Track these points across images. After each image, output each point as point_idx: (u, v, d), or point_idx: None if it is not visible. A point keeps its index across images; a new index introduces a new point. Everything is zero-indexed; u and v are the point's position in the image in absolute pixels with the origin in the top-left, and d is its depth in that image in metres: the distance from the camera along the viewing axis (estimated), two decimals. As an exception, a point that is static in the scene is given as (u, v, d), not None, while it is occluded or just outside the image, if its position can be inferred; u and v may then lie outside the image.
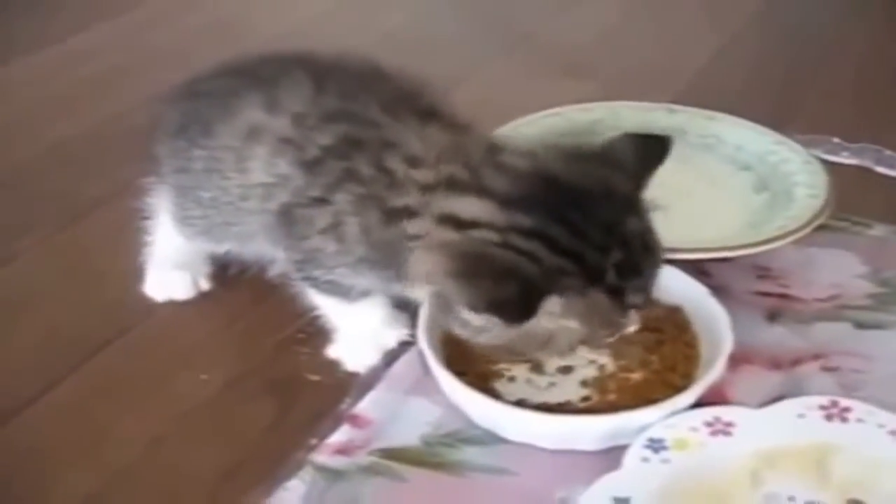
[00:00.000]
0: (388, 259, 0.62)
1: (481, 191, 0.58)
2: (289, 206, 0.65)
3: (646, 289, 0.60)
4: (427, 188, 0.60)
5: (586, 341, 0.61)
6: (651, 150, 0.62)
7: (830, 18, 1.23)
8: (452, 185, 0.59)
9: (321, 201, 0.63)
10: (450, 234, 0.58)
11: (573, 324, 0.58)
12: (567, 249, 0.56)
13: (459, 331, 0.61)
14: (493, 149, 0.61)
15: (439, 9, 1.27)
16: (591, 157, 0.61)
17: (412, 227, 0.60)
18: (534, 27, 1.22)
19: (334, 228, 0.63)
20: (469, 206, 0.58)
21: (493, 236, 0.57)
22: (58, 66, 1.13)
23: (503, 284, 0.55)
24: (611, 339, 0.62)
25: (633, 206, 0.60)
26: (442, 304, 0.61)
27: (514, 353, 0.62)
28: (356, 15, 1.25)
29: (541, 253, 0.56)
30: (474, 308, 0.57)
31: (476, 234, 0.57)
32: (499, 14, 1.26)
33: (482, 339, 0.60)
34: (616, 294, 0.58)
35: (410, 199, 0.60)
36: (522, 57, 1.14)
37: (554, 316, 0.57)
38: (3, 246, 0.82)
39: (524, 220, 0.57)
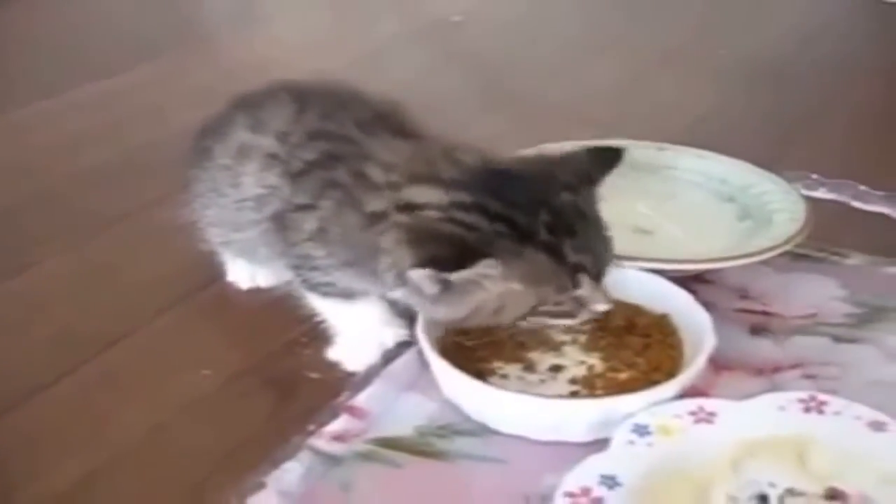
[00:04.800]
0: (366, 260, 0.66)
1: (433, 180, 0.65)
2: (280, 213, 0.71)
3: (589, 250, 0.64)
4: (395, 186, 0.66)
5: (541, 306, 0.64)
6: (604, 158, 0.68)
7: (825, 71, 1.30)
8: (413, 179, 0.66)
9: (308, 207, 0.69)
10: (404, 218, 0.65)
11: (517, 285, 0.62)
12: (499, 215, 0.62)
13: (418, 304, 0.66)
14: (450, 148, 0.67)
15: (446, 67, 1.34)
16: (546, 159, 0.68)
17: (384, 225, 0.65)
18: (535, 84, 1.28)
19: (320, 233, 0.68)
20: (422, 193, 0.65)
21: (437, 214, 0.64)
22: (101, 100, 1.20)
23: (442, 245, 0.62)
24: (574, 318, 0.65)
25: (570, 189, 0.65)
26: (411, 290, 0.65)
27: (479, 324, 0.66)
28: (368, 70, 1.32)
29: (479, 223, 0.63)
30: (418, 265, 0.62)
31: (424, 214, 0.64)
32: (499, 71, 1.33)
33: (441, 313, 0.65)
34: (552, 251, 0.62)
35: (385, 201, 0.66)
36: (523, 110, 1.19)
37: (496, 279, 0.62)
38: (26, 253, 0.87)
39: (464, 198, 0.64)
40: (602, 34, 1.47)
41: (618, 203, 0.68)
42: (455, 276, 0.61)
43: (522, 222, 0.62)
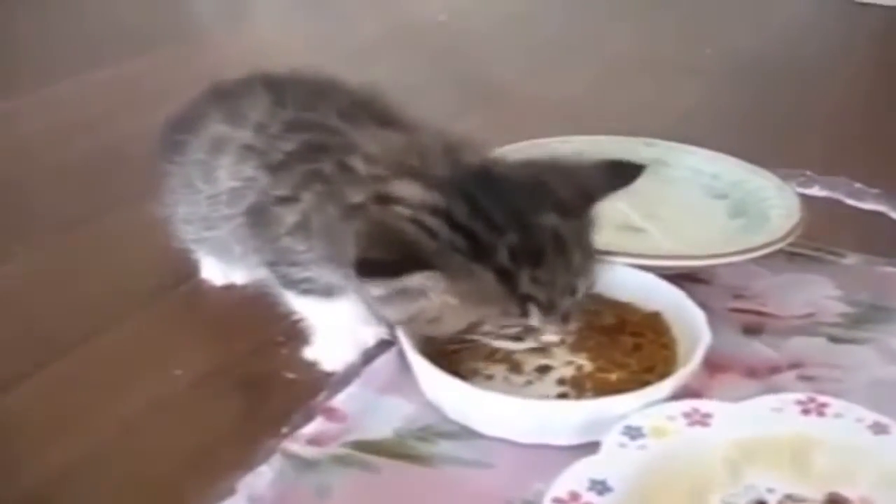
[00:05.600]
0: (341, 254, 0.63)
1: (421, 176, 0.61)
2: (257, 206, 0.67)
3: (552, 285, 0.59)
4: (380, 179, 0.62)
5: (481, 325, 0.60)
6: (620, 173, 0.64)
7: (809, 66, 1.29)
8: (402, 173, 0.62)
9: (289, 200, 0.66)
10: (374, 209, 0.61)
11: (454, 300, 0.59)
12: (461, 226, 0.58)
13: (372, 304, 0.64)
14: (455, 146, 0.64)
15: (431, 65, 1.31)
16: (553, 167, 0.64)
17: (359, 217, 0.62)
18: (519, 82, 1.25)
19: (302, 227, 0.65)
20: (402, 187, 0.61)
21: (406, 212, 0.60)
22: (85, 93, 1.18)
23: (387, 249, 0.59)
24: (519, 343, 0.62)
25: (561, 208, 0.60)
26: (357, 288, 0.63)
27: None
28: (354, 67, 1.29)
29: (440, 229, 0.59)
30: (353, 265, 0.59)
31: (395, 208, 0.60)
32: (483, 69, 1.30)
33: (383, 313, 0.63)
34: (505, 275, 0.58)
35: (366, 193, 0.62)
36: (505, 108, 1.16)
37: (436, 291, 0.58)
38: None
39: (437, 199, 0.60)
40: (586, 34, 1.46)
41: (606, 200, 0.65)
42: (384, 285, 0.58)
43: (483, 238, 0.58)
